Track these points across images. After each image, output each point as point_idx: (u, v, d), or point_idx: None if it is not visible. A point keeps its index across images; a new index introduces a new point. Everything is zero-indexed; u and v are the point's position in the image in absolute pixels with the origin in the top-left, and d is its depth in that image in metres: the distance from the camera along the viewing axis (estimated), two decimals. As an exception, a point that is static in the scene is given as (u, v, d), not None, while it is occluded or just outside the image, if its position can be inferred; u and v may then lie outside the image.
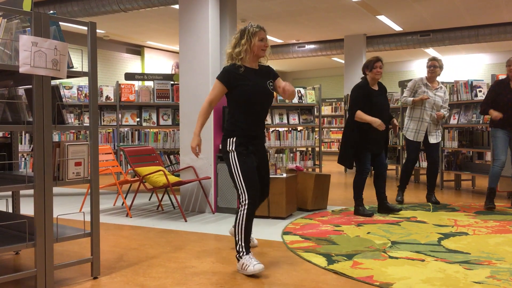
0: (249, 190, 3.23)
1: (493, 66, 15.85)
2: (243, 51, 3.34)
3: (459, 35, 11.59)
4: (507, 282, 2.98)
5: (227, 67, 3.40)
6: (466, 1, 9.48)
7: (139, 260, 3.57)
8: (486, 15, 10.60)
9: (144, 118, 7.43)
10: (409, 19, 11.03)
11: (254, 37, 3.35)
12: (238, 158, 3.28)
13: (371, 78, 5.22)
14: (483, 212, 5.40)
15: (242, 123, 3.35)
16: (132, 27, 11.82)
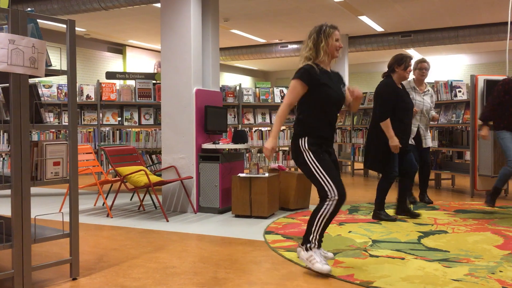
0: (337, 184, 3.11)
1: (473, 67, 16.10)
2: (322, 53, 3.23)
3: (439, 36, 11.74)
4: (485, 279, 3.03)
5: (306, 67, 3.23)
6: (446, 2, 9.60)
7: (120, 261, 3.54)
8: (465, 17, 10.76)
9: (125, 117, 7.36)
10: (390, 20, 11.13)
11: (330, 37, 3.24)
12: (315, 156, 3.15)
13: (401, 76, 4.84)
14: (462, 211, 5.47)
15: (317, 126, 3.22)
16: (114, 26, 11.70)
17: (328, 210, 3.13)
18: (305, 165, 3.18)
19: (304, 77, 3.20)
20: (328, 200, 3.12)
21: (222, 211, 5.48)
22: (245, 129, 7.87)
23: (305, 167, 3.19)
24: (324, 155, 3.19)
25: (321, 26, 3.28)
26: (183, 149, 5.56)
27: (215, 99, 5.91)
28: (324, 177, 3.12)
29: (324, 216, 3.14)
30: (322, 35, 3.24)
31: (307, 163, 3.17)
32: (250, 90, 7.98)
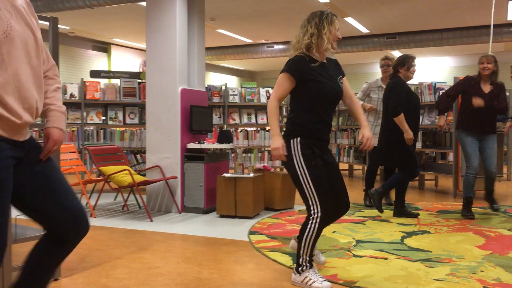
0: (322, 200, 2.84)
1: (457, 69, 16.30)
2: (325, 40, 2.90)
3: (424, 38, 11.86)
4: (466, 279, 3.06)
5: (295, 58, 2.93)
6: (431, 5, 9.71)
7: (102, 261, 3.50)
8: (449, 19, 10.89)
9: (110, 116, 7.30)
10: (375, 22, 11.21)
11: (332, 25, 2.94)
12: (306, 162, 2.84)
13: (405, 76, 4.98)
14: (445, 211, 5.54)
15: (310, 123, 2.91)
16: (98, 24, 11.60)
17: (313, 229, 2.86)
18: (293, 170, 2.88)
19: (292, 70, 2.91)
20: (312, 218, 2.86)
21: (206, 211, 5.46)
22: (230, 129, 7.86)
23: (293, 173, 2.89)
24: (317, 163, 2.89)
25: (322, 12, 2.98)
26: (168, 148, 5.53)
27: (201, 99, 5.89)
28: (311, 190, 2.85)
29: (310, 236, 2.87)
30: (325, 21, 2.93)
31: (295, 169, 2.87)
32: (236, 90, 7.97)
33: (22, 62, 1.76)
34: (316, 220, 2.85)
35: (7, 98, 1.71)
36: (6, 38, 1.68)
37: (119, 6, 9.03)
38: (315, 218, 2.85)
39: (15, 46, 1.73)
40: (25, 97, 1.77)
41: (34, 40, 1.83)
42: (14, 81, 1.73)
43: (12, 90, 1.72)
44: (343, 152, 9.57)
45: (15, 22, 1.74)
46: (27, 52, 1.79)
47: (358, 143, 8.97)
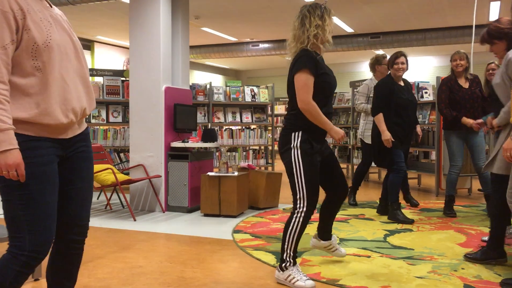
0: (310, 197, 2.90)
1: (440, 69, 16.48)
2: (328, 32, 2.91)
3: (407, 38, 11.95)
4: (447, 276, 3.10)
5: (306, 54, 2.88)
6: (414, 5, 9.79)
7: (84, 261, 3.46)
8: (432, 20, 11.00)
9: (93, 114, 7.22)
10: (360, 21, 11.27)
11: (330, 18, 2.95)
12: (303, 157, 2.89)
13: (393, 74, 4.96)
14: (427, 209, 5.59)
15: None
16: (81, 21, 11.46)
17: (297, 223, 2.92)
18: (289, 162, 2.93)
19: (312, 66, 2.87)
20: (297, 212, 2.93)
21: (190, 210, 5.44)
22: (215, 127, 7.84)
23: (288, 165, 2.94)
24: (314, 159, 2.94)
25: (318, 4, 2.98)
26: (151, 147, 5.49)
27: (185, 97, 5.86)
28: (301, 184, 2.90)
29: (294, 230, 2.92)
30: (326, 13, 2.93)
31: (291, 161, 2.91)
32: (221, 88, 7.95)
33: (64, 66, 1.90)
34: (301, 215, 2.91)
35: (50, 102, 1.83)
36: (47, 47, 1.83)
37: (102, 3, 8.94)
38: (300, 213, 2.91)
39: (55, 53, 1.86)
40: (69, 99, 1.90)
41: (73, 45, 1.97)
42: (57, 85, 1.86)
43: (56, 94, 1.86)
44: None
45: (54, 31, 1.89)
46: (67, 57, 1.93)
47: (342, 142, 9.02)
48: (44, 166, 1.85)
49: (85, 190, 2.05)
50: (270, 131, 8.45)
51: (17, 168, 1.74)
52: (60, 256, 2.04)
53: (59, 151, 1.93)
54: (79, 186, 2.03)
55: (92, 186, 2.11)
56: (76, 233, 2.03)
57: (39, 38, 1.81)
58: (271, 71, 20.02)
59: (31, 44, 1.80)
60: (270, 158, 8.47)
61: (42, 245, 1.84)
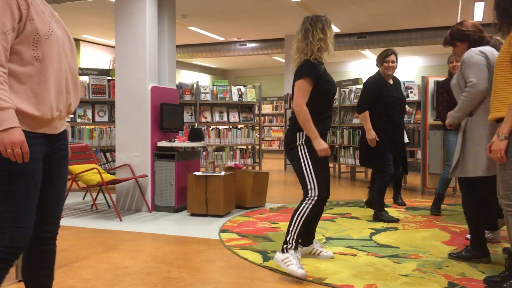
0: (321, 187, 3.12)
1: (425, 68, 16.62)
2: (330, 44, 3.15)
3: (393, 38, 12.03)
4: (432, 274, 3.13)
5: (308, 63, 3.13)
6: (400, 5, 9.86)
7: (69, 262, 3.43)
8: (418, 20, 11.08)
9: (78, 114, 7.16)
10: (346, 21, 11.32)
11: (331, 29, 3.17)
12: (309, 153, 3.12)
13: (382, 72, 4.91)
14: (413, 208, 5.64)
15: (319, 121, 3.15)
16: (67, 20, 11.35)
17: (306, 209, 3.10)
18: (297, 159, 3.15)
19: (312, 75, 3.11)
20: (308, 199, 3.12)
21: (177, 209, 5.42)
22: (202, 127, 7.82)
23: (296, 162, 3.16)
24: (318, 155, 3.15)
25: (319, 16, 3.19)
26: (138, 147, 5.46)
27: (171, 97, 5.83)
28: (311, 176, 3.12)
29: (302, 215, 3.10)
30: (326, 26, 3.15)
31: (299, 158, 3.14)
32: (208, 88, 7.93)
33: (61, 60, 1.96)
34: (312, 201, 3.11)
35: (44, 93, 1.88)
36: (48, 38, 1.90)
37: (88, 2, 8.86)
38: (312, 199, 3.11)
39: (55, 45, 1.93)
40: (61, 92, 1.97)
41: (69, 42, 2.05)
42: (54, 77, 1.92)
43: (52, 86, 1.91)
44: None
45: (55, 25, 1.98)
46: (65, 52, 2.00)
47: (329, 142, 9.06)
48: (36, 163, 1.89)
49: (62, 189, 2.08)
50: (257, 130, 8.45)
51: (22, 146, 1.77)
52: (34, 254, 2.05)
53: (46, 148, 1.96)
54: (57, 184, 2.05)
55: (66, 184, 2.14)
56: (49, 231, 2.06)
57: (41, 29, 1.88)
58: (258, 71, 20.03)
59: (33, 34, 1.86)
60: (257, 158, 8.48)
61: (21, 241, 1.87)
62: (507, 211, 2.71)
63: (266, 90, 17.76)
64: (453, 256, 3.49)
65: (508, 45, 2.66)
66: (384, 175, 4.82)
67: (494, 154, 2.67)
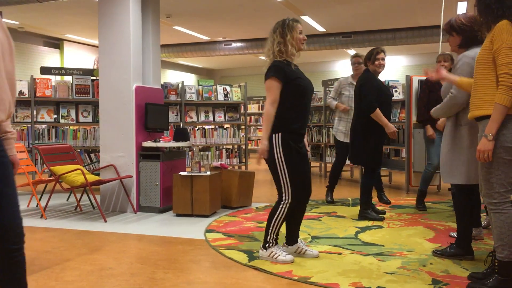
0: (294, 189, 3.29)
1: (410, 68, 16.76)
2: (289, 46, 3.31)
3: (378, 37, 12.12)
4: (416, 272, 3.15)
5: (277, 63, 3.31)
6: (385, 5, 9.93)
7: (52, 264, 3.39)
8: (402, 19, 11.18)
9: (62, 114, 7.08)
10: (331, 21, 11.37)
11: (294, 30, 3.33)
12: (285, 156, 3.25)
13: (373, 70, 4.88)
14: (398, 206, 5.68)
15: (292, 121, 3.30)
16: (50, 19, 11.22)
17: (282, 212, 3.32)
18: (273, 162, 3.28)
19: (279, 74, 3.27)
20: (282, 203, 3.31)
21: (163, 210, 5.38)
22: (188, 127, 7.79)
23: (272, 164, 3.30)
24: (294, 156, 3.29)
25: (284, 20, 3.37)
26: (122, 147, 5.41)
27: (156, 96, 5.79)
28: (286, 180, 3.28)
29: (280, 218, 3.34)
30: (287, 28, 3.32)
31: (275, 161, 3.27)
32: (193, 88, 7.90)
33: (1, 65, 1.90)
34: (286, 206, 3.32)
35: None
36: None
37: (71, 1, 8.77)
38: (285, 204, 3.32)
39: None
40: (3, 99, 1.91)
41: (8, 45, 1.99)
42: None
43: None
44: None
45: None
46: (3, 56, 1.93)
47: (315, 141, 9.08)
48: None
49: (14, 197, 2.00)
50: (243, 130, 8.44)
51: None
52: (1, 267, 1.98)
53: None
54: (8, 194, 1.97)
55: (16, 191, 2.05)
56: (13, 242, 1.97)
57: None
58: (244, 70, 20.01)
59: None
60: (243, 157, 8.46)
61: None
62: (490, 209, 2.73)
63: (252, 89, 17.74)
64: (437, 253, 3.53)
65: (490, 43, 2.68)
66: (374, 174, 4.93)
67: (482, 154, 2.64)
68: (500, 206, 2.68)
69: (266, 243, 3.39)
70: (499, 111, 2.58)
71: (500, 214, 2.68)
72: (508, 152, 2.63)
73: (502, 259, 2.68)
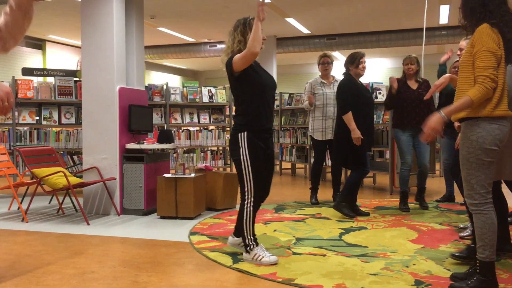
0: (257, 189, 3.36)
1: (393, 70, 16.93)
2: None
3: (362, 40, 12.22)
4: (399, 272, 3.17)
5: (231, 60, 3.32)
6: (369, 8, 10.01)
7: (34, 268, 3.34)
8: (386, 22, 11.28)
9: (44, 116, 6.98)
10: (316, 23, 11.43)
11: None
12: (250, 154, 3.30)
13: (356, 74, 4.98)
14: (382, 207, 5.72)
15: (257, 118, 3.34)
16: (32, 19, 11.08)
17: (249, 212, 3.37)
18: (239, 160, 3.34)
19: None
20: (246, 203, 3.37)
21: (147, 212, 5.34)
22: (172, 129, 7.75)
23: (238, 162, 3.35)
24: (260, 155, 3.34)
25: (245, 19, 3.41)
26: (105, 149, 5.35)
27: (140, 98, 5.75)
28: (249, 178, 3.33)
29: (249, 219, 3.38)
30: (248, 27, 3.36)
31: (240, 159, 3.32)
32: (178, 89, 7.86)
33: None
34: (250, 204, 3.37)
35: None
36: None
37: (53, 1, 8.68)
38: (249, 203, 3.37)
39: None
40: None
41: None
42: None
43: None
44: (286, 151, 9.67)
45: None
46: None
47: (300, 143, 9.10)
48: None
49: None
50: (228, 132, 8.42)
51: None
52: None
53: None
54: None
55: None
56: None
57: None
58: (229, 72, 19.97)
59: None
60: (228, 159, 8.45)
61: None
62: (471, 209, 2.77)
63: (237, 91, 17.70)
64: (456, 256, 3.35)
65: (470, 47, 2.72)
66: (363, 172, 5.02)
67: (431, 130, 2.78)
68: (481, 207, 2.72)
69: (247, 246, 3.42)
70: (465, 103, 2.65)
71: (481, 215, 2.72)
72: (488, 154, 2.66)
73: (483, 259, 2.71)
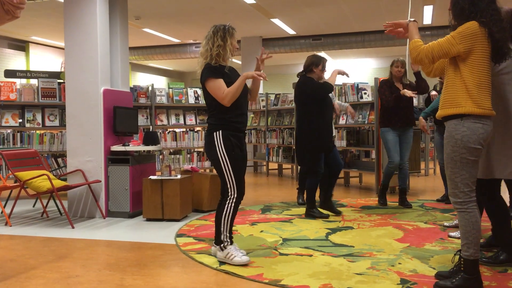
0: (238, 185, 3.41)
1: (378, 70, 17.03)
2: (228, 51, 3.42)
3: (347, 40, 12.27)
4: (385, 272, 3.19)
5: (210, 66, 3.39)
6: (354, 9, 10.07)
7: (17, 272, 3.29)
8: (371, 23, 11.35)
9: (27, 118, 6.89)
10: (301, 23, 11.45)
11: (233, 37, 3.46)
12: (227, 152, 3.37)
13: (318, 77, 5.00)
14: (368, 207, 5.75)
15: (232, 118, 3.41)
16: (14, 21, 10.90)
17: (230, 208, 3.40)
18: (217, 160, 3.39)
19: (216, 74, 3.37)
20: (228, 199, 3.40)
21: (132, 215, 5.30)
22: (158, 130, 7.70)
23: (216, 162, 3.40)
24: (236, 153, 3.42)
25: (225, 26, 3.47)
26: (90, 151, 5.30)
27: (125, 99, 5.71)
28: (230, 176, 3.39)
29: (228, 215, 3.40)
30: (227, 34, 3.43)
31: (218, 159, 3.38)
32: (163, 90, 7.82)
33: None
34: (232, 201, 3.41)
35: None
36: None
37: (36, 2, 8.57)
38: (232, 199, 3.41)
39: None
40: None
41: None
42: None
43: None
44: (272, 152, 9.68)
45: None
46: None
47: (286, 143, 9.12)
48: None
49: None
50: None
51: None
52: None
53: None
54: None
55: None
56: None
57: None
58: (215, 73, 19.92)
59: None
60: (214, 160, 8.41)
61: None
62: (456, 208, 2.79)
63: (224, 92, 17.66)
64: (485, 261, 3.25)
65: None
66: (316, 175, 5.04)
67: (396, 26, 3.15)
68: (465, 205, 2.75)
69: (221, 243, 3.43)
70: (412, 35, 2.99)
71: (465, 213, 2.75)
72: (472, 153, 2.69)
73: (467, 257, 2.74)
